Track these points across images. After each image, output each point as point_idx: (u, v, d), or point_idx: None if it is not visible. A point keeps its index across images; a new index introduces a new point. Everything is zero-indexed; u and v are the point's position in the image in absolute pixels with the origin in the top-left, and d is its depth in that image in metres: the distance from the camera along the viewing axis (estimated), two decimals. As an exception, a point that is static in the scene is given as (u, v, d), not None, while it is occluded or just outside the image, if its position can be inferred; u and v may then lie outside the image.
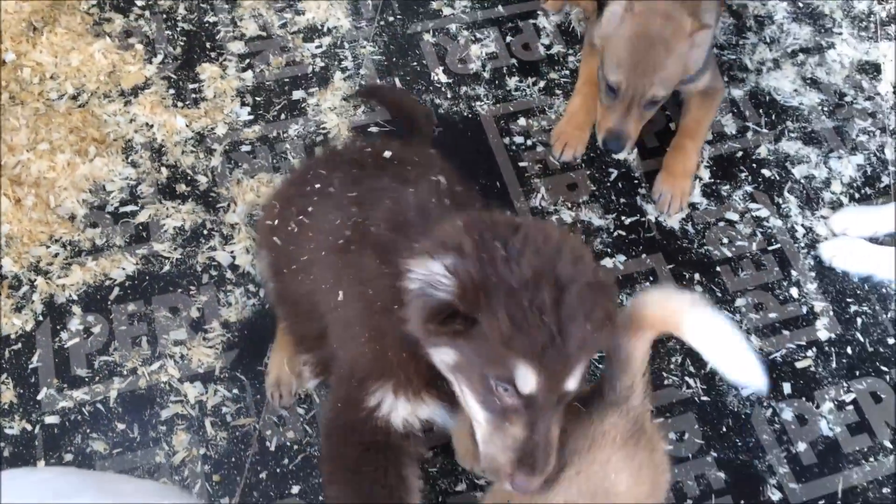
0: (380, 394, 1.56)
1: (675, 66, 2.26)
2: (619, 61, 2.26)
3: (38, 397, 2.13)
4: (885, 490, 2.14)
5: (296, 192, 1.85)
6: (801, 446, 2.18)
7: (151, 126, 2.54)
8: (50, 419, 2.10)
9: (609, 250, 2.45)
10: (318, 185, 1.79)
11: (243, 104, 2.61)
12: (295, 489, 2.06)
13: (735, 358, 1.45)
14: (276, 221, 1.84)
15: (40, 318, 2.24)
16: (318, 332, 1.72)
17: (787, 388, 2.26)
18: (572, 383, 1.37)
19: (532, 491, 1.39)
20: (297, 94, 2.64)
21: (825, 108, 2.72)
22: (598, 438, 1.46)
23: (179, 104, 2.59)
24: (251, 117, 2.59)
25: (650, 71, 2.25)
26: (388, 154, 1.85)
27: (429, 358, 1.46)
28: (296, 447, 2.11)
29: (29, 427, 2.09)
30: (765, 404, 2.24)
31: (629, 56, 2.25)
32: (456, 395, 1.48)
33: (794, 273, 2.44)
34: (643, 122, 2.37)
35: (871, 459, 2.18)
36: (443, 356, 1.41)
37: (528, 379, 1.32)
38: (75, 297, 2.27)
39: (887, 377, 2.29)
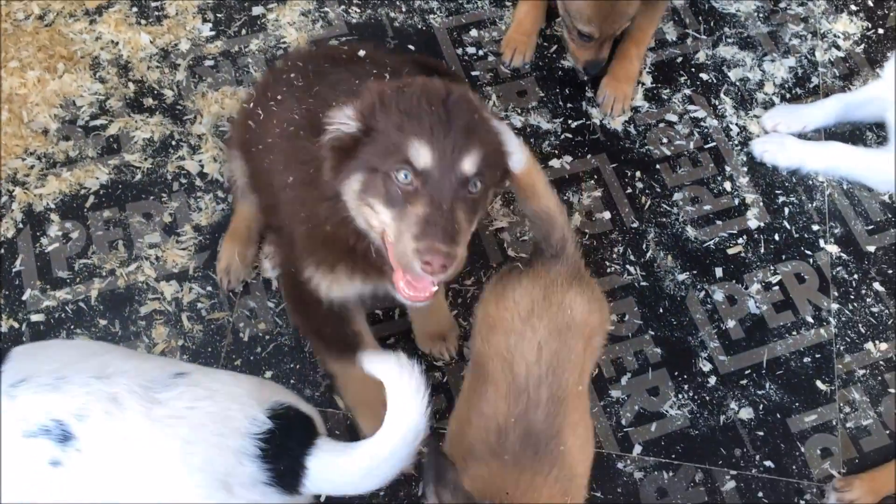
0: (310, 270, 1.79)
1: (636, 3, 2.45)
2: (590, 18, 2.45)
3: (23, 298, 2.28)
4: (805, 360, 2.36)
5: (272, 81, 2.01)
6: (731, 323, 2.39)
7: (117, 43, 2.64)
8: (36, 317, 2.26)
9: (556, 152, 2.61)
10: (291, 76, 1.94)
11: (205, 20, 2.71)
12: (268, 374, 2.24)
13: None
14: (252, 105, 2.02)
15: (20, 225, 2.37)
16: (275, 208, 1.91)
17: (718, 272, 2.46)
18: (468, 164, 1.53)
19: (442, 271, 1.47)
20: (257, 10, 2.75)
21: (760, 14, 2.87)
22: (549, 286, 1.69)
23: (143, 22, 2.69)
24: (213, 33, 2.69)
25: (618, 17, 2.46)
26: (362, 53, 2.00)
27: (351, 233, 1.68)
28: (267, 337, 2.29)
29: (16, 325, 2.24)
30: (698, 287, 2.44)
31: (598, 12, 2.43)
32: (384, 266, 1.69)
33: (727, 168, 2.62)
34: None
35: (794, 333, 2.40)
36: (353, 185, 1.59)
37: (421, 152, 1.51)
38: (53, 206, 2.40)
39: (811, 260, 2.50)
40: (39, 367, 1.45)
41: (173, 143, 2.52)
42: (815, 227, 2.55)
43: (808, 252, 2.51)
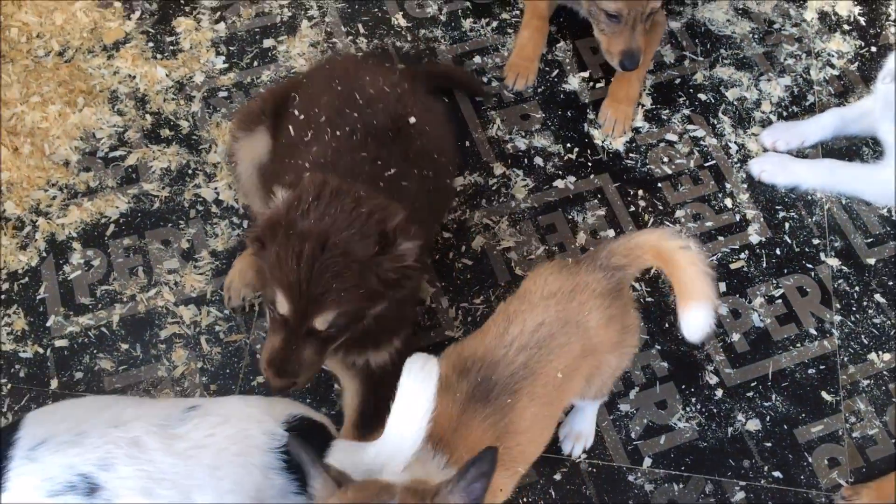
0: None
1: None
2: None
3: (47, 324, 2.35)
4: (810, 371, 2.41)
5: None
6: (735, 336, 2.45)
7: (134, 77, 2.73)
8: (59, 342, 2.33)
9: (560, 172, 2.68)
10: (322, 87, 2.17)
11: (218, 53, 2.80)
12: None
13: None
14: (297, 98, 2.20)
15: (44, 254, 2.45)
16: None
17: (722, 286, 2.52)
18: (320, 323, 1.73)
19: (281, 392, 1.82)
20: (268, 43, 2.84)
21: (756, 36, 2.96)
22: (580, 285, 1.77)
23: (158, 56, 2.78)
24: (226, 65, 2.79)
25: None
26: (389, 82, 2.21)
27: None
28: (283, 358, 2.35)
29: (41, 350, 2.32)
30: (703, 302, 2.49)
31: None
32: None
33: (728, 186, 2.69)
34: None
35: (798, 345, 2.45)
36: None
37: (281, 303, 1.73)
38: (74, 235, 2.48)
39: (812, 273, 2.56)
40: (56, 428, 1.48)
41: (189, 171, 2.61)
42: (816, 241, 2.61)
43: (810, 265, 2.57)
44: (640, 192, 2.66)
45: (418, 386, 1.39)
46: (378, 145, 2.07)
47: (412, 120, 2.16)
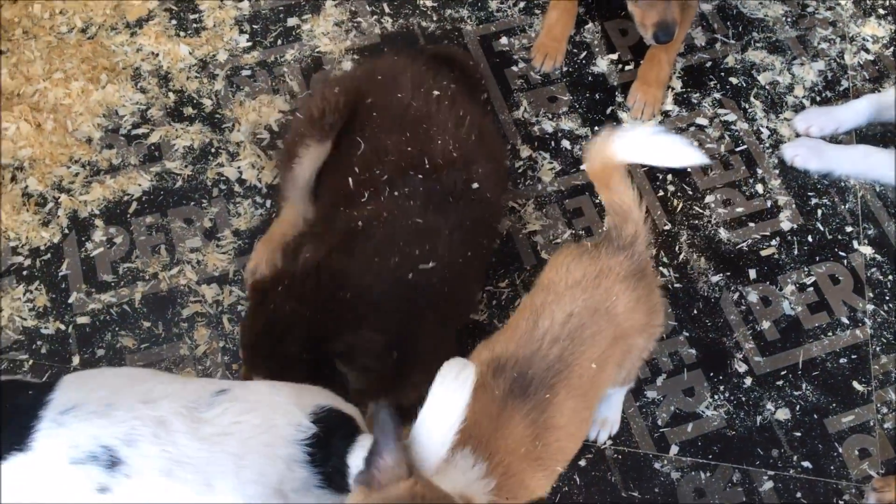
0: None
1: None
2: None
3: (69, 301, 2.33)
4: (841, 360, 2.36)
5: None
6: (766, 324, 2.40)
7: (157, 55, 2.71)
8: (81, 319, 2.31)
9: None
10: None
11: (241, 32, 2.77)
12: (307, 375, 2.28)
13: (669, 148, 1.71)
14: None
15: (66, 231, 2.43)
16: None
17: (752, 273, 2.47)
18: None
19: None
20: (292, 21, 2.81)
21: (788, 19, 2.89)
22: (604, 271, 1.73)
23: (182, 33, 2.76)
24: (249, 44, 2.76)
25: None
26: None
27: None
28: (306, 339, 2.33)
29: (63, 327, 2.30)
30: (732, 289, 2.45)
31: None
32: None
33: (759, 171, 2.63)
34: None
35: (830, 334, 2.40)
36: None
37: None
38: (97, 212, 2.46)
39: (845, 261, 2.50)
40: (88, 395, 1.47)
41: (212, 150, 2.58)
42: (849, 229, 2.55)
43: (842, 253, 2.51)
44: (669, 177, 2.61)
45: (452, 395, 1.35)
46: (436, 213, 2.05)
47: (475, 186, 2.14)
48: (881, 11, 2.93)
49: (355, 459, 1.47)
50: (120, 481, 1.41)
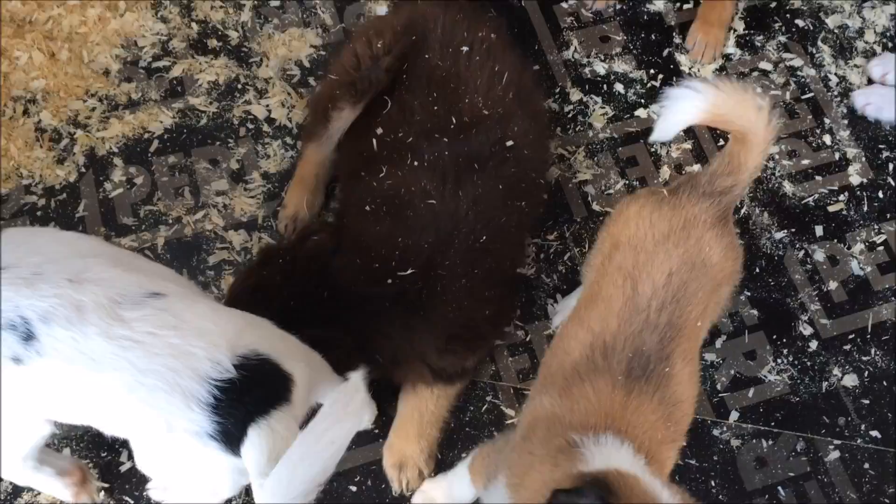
0: None
1: None
2: None
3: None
4: (912, 325, 2.21)
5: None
6: (833, 285, 2.24)
7: (179, -19, 2.51)
8: (100, 265, 2.15)
9: (643, 101, 2.45)
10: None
11: (270, -41, 2.57)
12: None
13: None
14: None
15: (83, 169, 2.26)
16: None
17: (818, 230, 2.30)
18: None
19: None
20: (325, -51, 2.60)
21: (861, -43, 2.68)
22: (691, 220, 1.59)
23: (206, -41, 2.55)
24: (279, -28, 2.55)
25: None
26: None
27: None
28: (340, 290, 2.17)
29: (81, 272, 2.14)
30: (797, 246, 2.28)
31: None
32: None
33: (826, 121, 2.45)
34: None
35: (900, 297, 2.24)
36: None
37: None
38: (115, 150, 2.29)
39: (917, 219, 2.33)
40: (22, 258, 1.36)
41: (239, 86, 2.39)
42: (922, 185, 2.38)
43: (915, 211, 2.34)
44: (730, 125, 2.42)
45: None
46: (469, 176, 1.89)
47: (510, 143, 1.97)
48: (958, -49, 2.72)
49: (256, 436, 1.32)
50: (32, 357, 1.32)
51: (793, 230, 2.30)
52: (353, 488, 1.97)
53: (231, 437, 1.33)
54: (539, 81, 2.32)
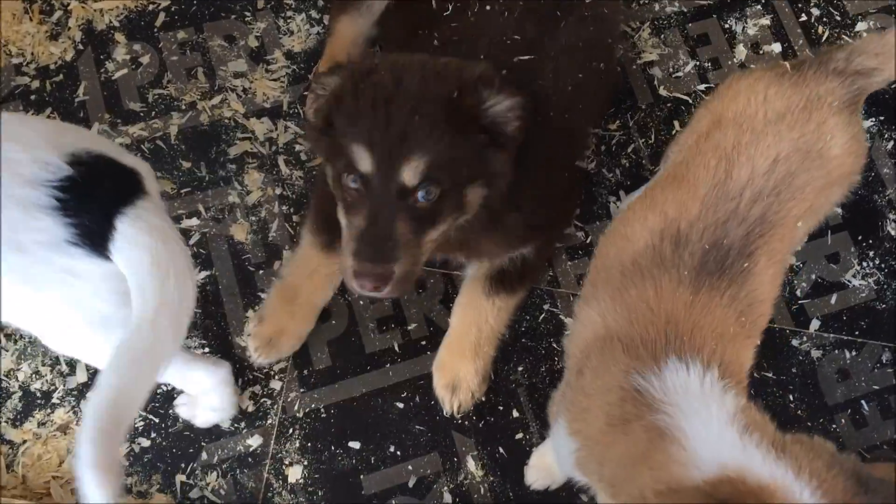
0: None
1: None
2: None
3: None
4: None
5: None
6: (924, 179, 2.02)
7: None
8: (107, 157, 1.90)
9: (715, -31, 2.15)
10: None
11: None
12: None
13: None
14: None
15: (80, 46, 1.97)
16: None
17: (910, 119, 2.06)
18: (409, 174, 1.37)
19: (376, 291, 1.38)
20: None
21: None
22: (814, 100, 1.35)
23: None
24: None
25: None
26: None
27: None
28: (378, 186, 1.93)
29: (85, 165, 1.89)
30: (885, 136, 2.05)
31: None
32: None
33: (922, -6, 2.16)
34: None
35: None
36: (329, 174, 1.49)
37: (361, 156, 1.37)
38: (117, 24, 1.99)
39: None
40: None
41: (255, -51, 2.08)
42: None
43: None
44: (814, -2, 2.14)
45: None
46: (536, 27, 1.63)
47: None
48: None
49: (128, 227, 1.17)
50: None
51: (881, 118, 2.05)
52: (400, 405, 1.79)
53: (94, 236, 1.18)
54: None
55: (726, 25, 2.10)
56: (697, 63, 2.07)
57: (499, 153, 1.45)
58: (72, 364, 1.77)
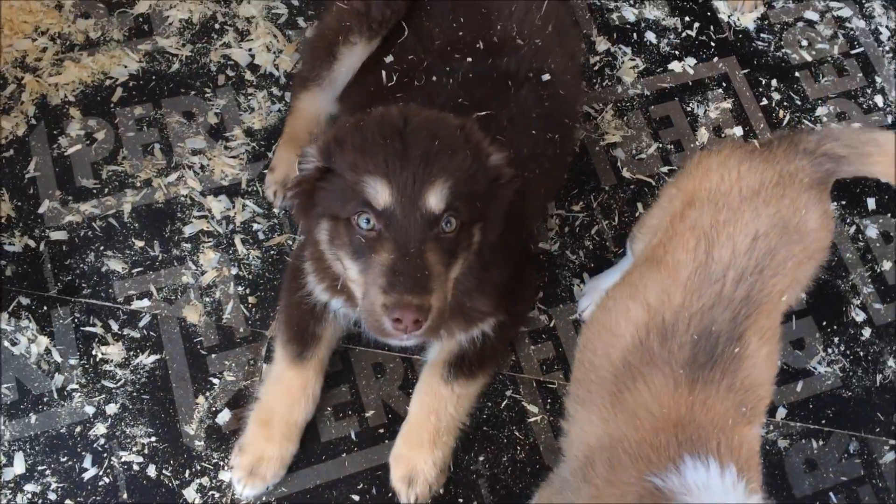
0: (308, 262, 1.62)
1: None
2: None
3: (40, 210, 1.85)
4: (969, 310, 2.00)
5: None
6: (887, 265, 2.02)
7: None
8: (56, 235, 1.83)
9: (677, 52, 2.17)
10: None
11: None
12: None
13: None
14: None
15: (33, 121, 1.92)
16: None
17: (871, 203, 2.07)
18: (434, 199, 1.31)
19: (416, 327, 1.27)
20: None
21: None
22: (786, 176, 1.34)
23: None
24: None
25: None
26: None
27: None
28: (337, 267, 1.89)
29: (32, 243, 1.82)
30: (848, 221, 2.05)
31: None
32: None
33: (878, 80, 2.20)
34: None
35: (957, 278, 2.02)
36: (322, 235, 1.41)
37: (378, 189, 1.31)
38: (72, 98, 1.95)
39: (976, 192, 2.11)
40: None
41: (216, 26, 2.06)
42: (982, 154, 2.14)
43: (974, 182, 2.11)
44: (774, 83, 2.17)
45: None
46: (503, 93, 1.65)
47: (545, 77, 1.72)
48: None
49: None
50: None
51: (843, 203, 2.06)
52: (356, 497, 1.71)
53: None
54: (572, 17, 2.04)
55: (688, 108, 2.12)
56: (660, 145, 2.07)
57: (496, 199, 1.42)
58: (10, 455, 1.67)
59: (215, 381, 1.76)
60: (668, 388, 1.18)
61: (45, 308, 1.77)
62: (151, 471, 1.68)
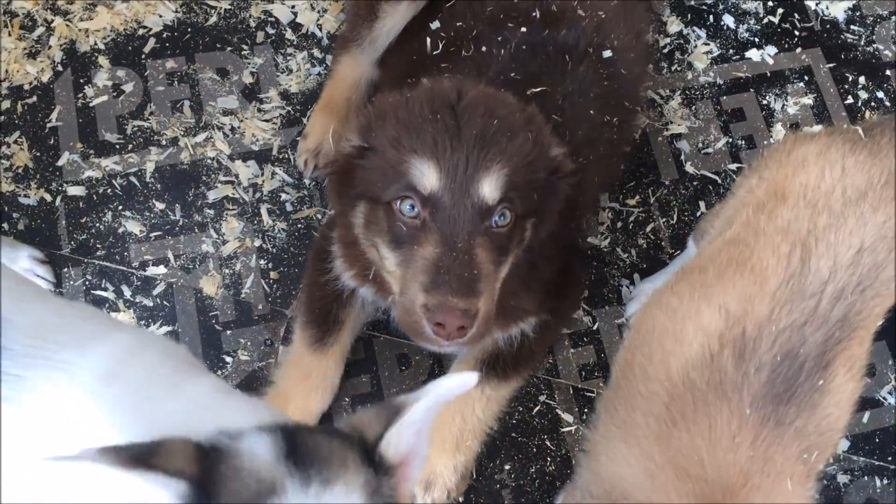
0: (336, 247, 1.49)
1: None
2: None
3: (59, 163, 1.75)
4: None
5: None
6: (973, 290, 1.82)
7: None
8: (74, 190, 1.73)
9: (756, 40, 1.98)
10: None
11: None
12: (367, 295, 1.72)
13: None
14: None
15: (59, 67, 1.82)
16: None
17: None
18: (488, 187, 1.17)
19: (459, 334, 1.11)
20: None
21: None
22: (892, 174, 1.17)
23: None
24: None
25: None
26: None
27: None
28: (368, 246, 1.75)
29: (48, 197, 1.72)
30: (933, 238, 1.85)
31: None
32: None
33: (981, 84, 1.98)
34: None
35: None
36: (357, 219, 1.28)
37: (424, 172, 1.17)
38: (102, 46, 1.84)
39: None
40: None
41: (260, -21, 1.93)
42: None
43: None
44: (862, 80, 1.97)
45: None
46: (559, 69, 1.50)
47: (607, 54, 1.55)
48: None
49: None
50: None
51: (930, 218, 1.86)
52: (369, 497, 1.59)
53: None
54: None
55: (764, 101, 1.93)
56: (730, 140, 1.89)
57: (554, 194, 1.28)
58: None
59: (228, 359, 1.64)
60: (730, 431, 1.01)
61: (57, 268, 1.67)
62: (153, 450, 1.56)
